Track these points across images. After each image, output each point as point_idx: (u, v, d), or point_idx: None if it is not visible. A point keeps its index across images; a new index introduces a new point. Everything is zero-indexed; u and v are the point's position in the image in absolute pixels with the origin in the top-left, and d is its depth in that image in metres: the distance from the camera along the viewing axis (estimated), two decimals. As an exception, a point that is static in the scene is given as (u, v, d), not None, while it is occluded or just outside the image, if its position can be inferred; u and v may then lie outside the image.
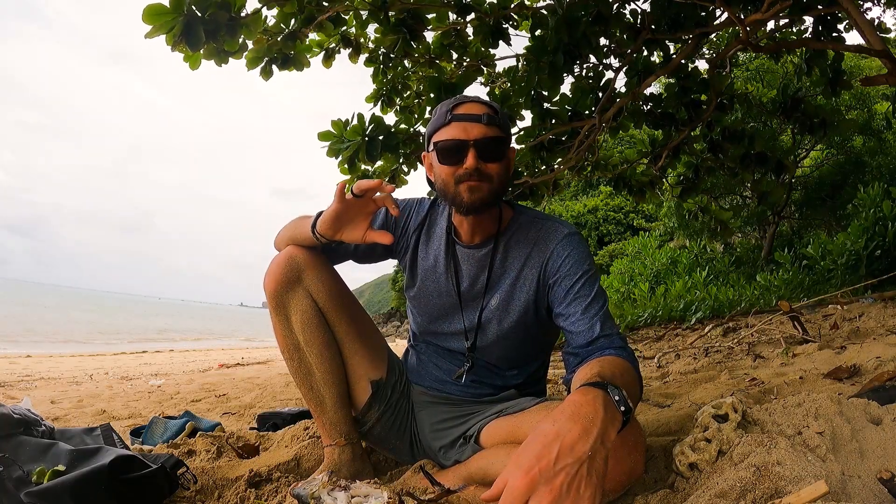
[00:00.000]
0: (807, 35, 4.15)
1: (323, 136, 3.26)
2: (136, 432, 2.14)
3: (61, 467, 1.23)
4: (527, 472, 0.81)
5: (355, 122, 3.18)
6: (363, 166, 3.53)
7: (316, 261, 1.43)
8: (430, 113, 3.64)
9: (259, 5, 2.86)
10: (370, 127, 3.17)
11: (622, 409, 0.92)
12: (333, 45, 3.73)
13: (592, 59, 3.77)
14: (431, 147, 1.35)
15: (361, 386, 1.49)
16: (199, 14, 2.57)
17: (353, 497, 1.06)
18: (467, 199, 1.29)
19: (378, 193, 1.22)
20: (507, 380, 1.48)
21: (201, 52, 2.81)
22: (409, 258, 1.51)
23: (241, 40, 2.93)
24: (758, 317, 4.57)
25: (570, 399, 0.91)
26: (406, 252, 1.51)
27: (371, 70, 4.04)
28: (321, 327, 1.43)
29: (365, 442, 1.55)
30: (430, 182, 1.42)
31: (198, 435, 1.85)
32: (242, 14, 2.79)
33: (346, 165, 3.33)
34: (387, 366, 1.53)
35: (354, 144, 3.16)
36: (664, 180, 4.65)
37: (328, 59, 3.75)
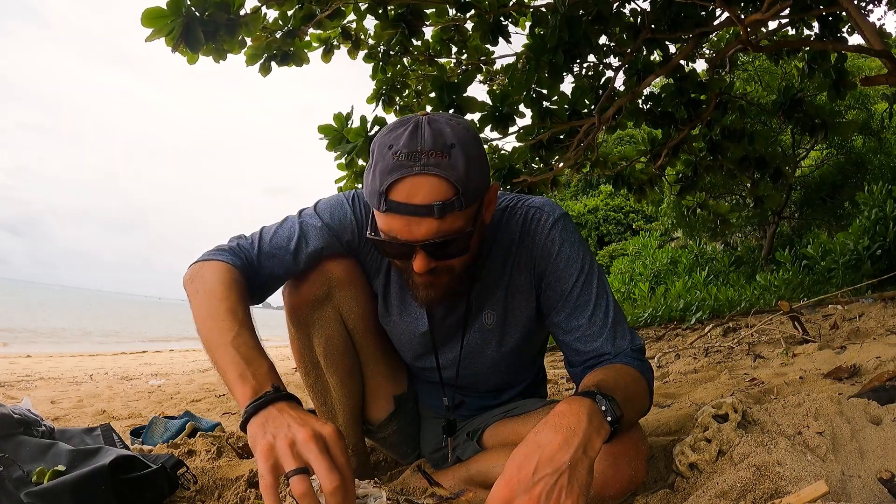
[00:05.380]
0: (806, 35, 4.16)
1: (323, 129, 3.26)
2: (136, 432, 2.13)
3: (61, 467, 1.22)
4: (507, 483, 0.81)
5: (357, 123, 3.18)
6: (360, 162, 3.53)
7: (353, 276, 1.22)
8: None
9: (258, 4, 2.87)
10: (373, 128, 3.17)
11: (608, 419, 0.88)
12: (333, 39, 3.75)
13: (592, 57, 3.77)
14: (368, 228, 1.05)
15: (380, 404, 1.38)
16: (198, 15, 2.58)
17: (352, 497, 1.06)
18: (422, 298, 1.08)
19: None
20: (507, 395, 1.39)
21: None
22: (381, 282, 1.26)
23: (240, 38, 2.94)
24: (758, 317, 4.56)
25: (555, 409, 0.88)
26: (378, 274, 1.25)
27: (368, 69, 4.06)
28: (346, 354, 1.27)
29: (370, 441, 1.51)
30: None
31: (198, 435, 1.84)
32: (241, 13, 2.79)
33: (343, 162, 3.34)
34: (407, 377, 1.43)
35: (356, 146, 3.16)
36: (663, 178, 4.66)
37: (327, 54, 3.75)
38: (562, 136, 3.96)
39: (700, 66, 5.33)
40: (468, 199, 0.95)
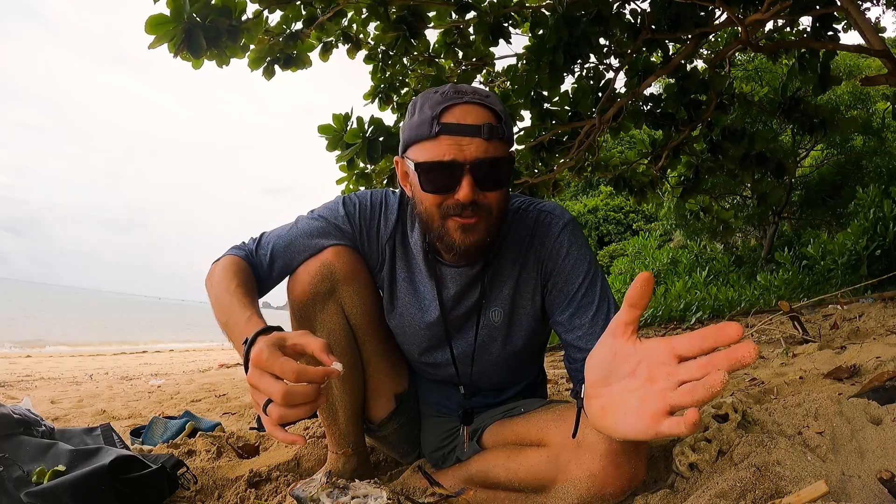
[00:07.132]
0: (805, 34, 4.16)
1: (323, 129, 3.26)
2: (136, 432, 2.14)
3: (61, 467, 1.23)
4: None
5: (355, 124, 3.18)
6: (360, 164, 3.53)
7: (356, 272, 1.23)
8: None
9: (259, 9, 2.87)
10: (370, 129, 3.17)
11: None
12: (332, 38, 3.75)
13: (592, 58, 3.78)
14: (411, 164, 1.07)
15: (381, 402, 1.38)
16: (200, 21, 2.58)
17: (352, 498, 1.06)
18: (459, 242, 1.07)
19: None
20: (507, 394, 1.40)
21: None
22: (386, 276, 1.27)
23: (242, 43, 2.94)
24: (758, 317, 4.56)
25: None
26: (381, 268, 1.27)
27: (364, 68, 4.08)
28: (349, 350, 1.27)
29: (370, 440, 1.51)
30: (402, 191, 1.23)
31: (198, 435, 1.85)
32: (243, 18, 2.79)
33: (345, 164, 3.34)
34: (408, 375, 1.43)
35: (355, 148, 3.16)
36: (665, 181, 4.66)
37: (325, 53, 3.75)
38: (564, 139, 3.97)
39: (700, 64, 5.34)
40: (507, 133, 1.05)
